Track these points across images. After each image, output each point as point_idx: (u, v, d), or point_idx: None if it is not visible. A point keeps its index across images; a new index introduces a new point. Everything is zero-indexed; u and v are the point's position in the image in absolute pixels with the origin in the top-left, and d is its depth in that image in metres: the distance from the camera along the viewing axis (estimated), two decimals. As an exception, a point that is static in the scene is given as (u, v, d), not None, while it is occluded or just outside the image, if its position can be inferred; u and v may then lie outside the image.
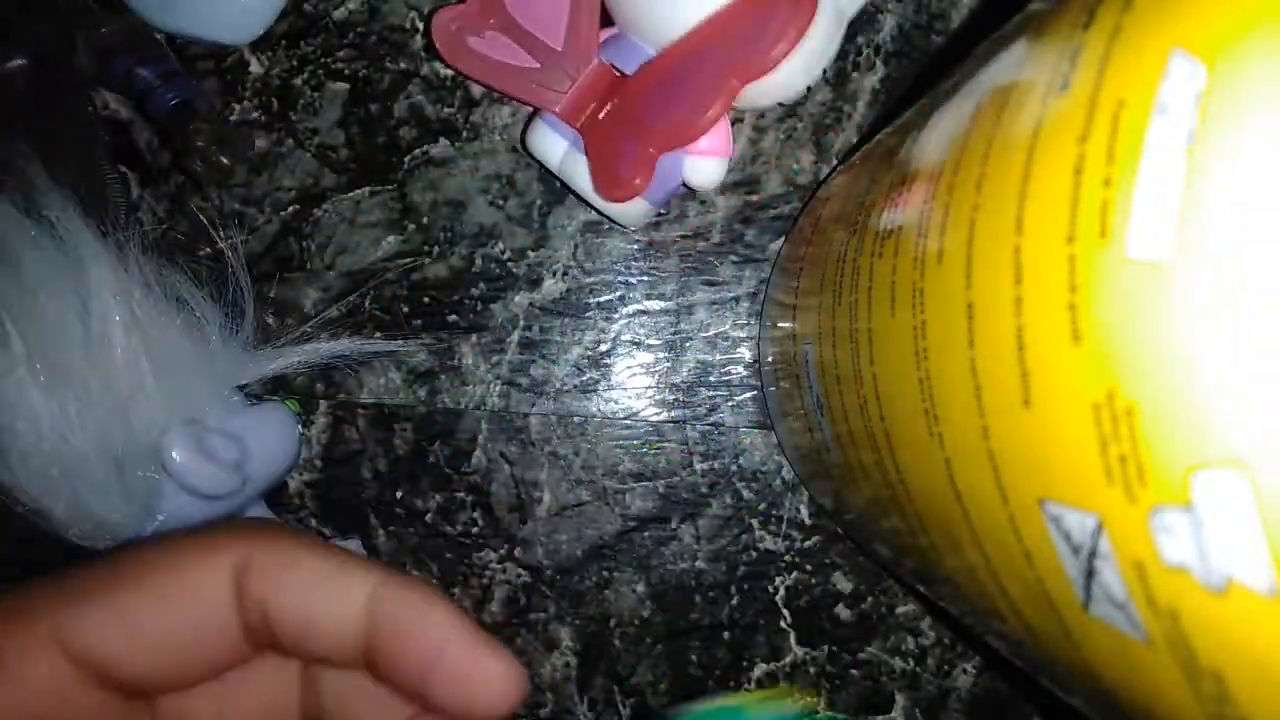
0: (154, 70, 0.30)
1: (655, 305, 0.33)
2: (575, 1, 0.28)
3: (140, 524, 0.27)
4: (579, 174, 0.29)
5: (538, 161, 0.31)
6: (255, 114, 0.34)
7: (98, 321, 0.26)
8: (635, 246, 0.33)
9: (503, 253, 0.33)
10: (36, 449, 0.25)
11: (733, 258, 0.33)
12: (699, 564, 0.34)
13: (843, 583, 0.33)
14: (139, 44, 0.31)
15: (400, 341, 0.33)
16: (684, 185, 0.30)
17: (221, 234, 0.29)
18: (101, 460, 0.26)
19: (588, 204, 0.30)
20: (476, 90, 0.33)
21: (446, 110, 0.33)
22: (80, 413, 0.25)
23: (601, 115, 0.29)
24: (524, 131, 0.31)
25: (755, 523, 0.33)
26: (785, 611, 0.34)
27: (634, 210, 0.29)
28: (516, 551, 0.34)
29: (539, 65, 0.29)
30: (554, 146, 0.30)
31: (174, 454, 0.26)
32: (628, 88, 0.28)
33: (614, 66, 0.29)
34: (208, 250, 0.31)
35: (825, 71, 0.29)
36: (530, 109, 0.32)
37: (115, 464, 0.26)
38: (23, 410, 0.25)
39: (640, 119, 0.28)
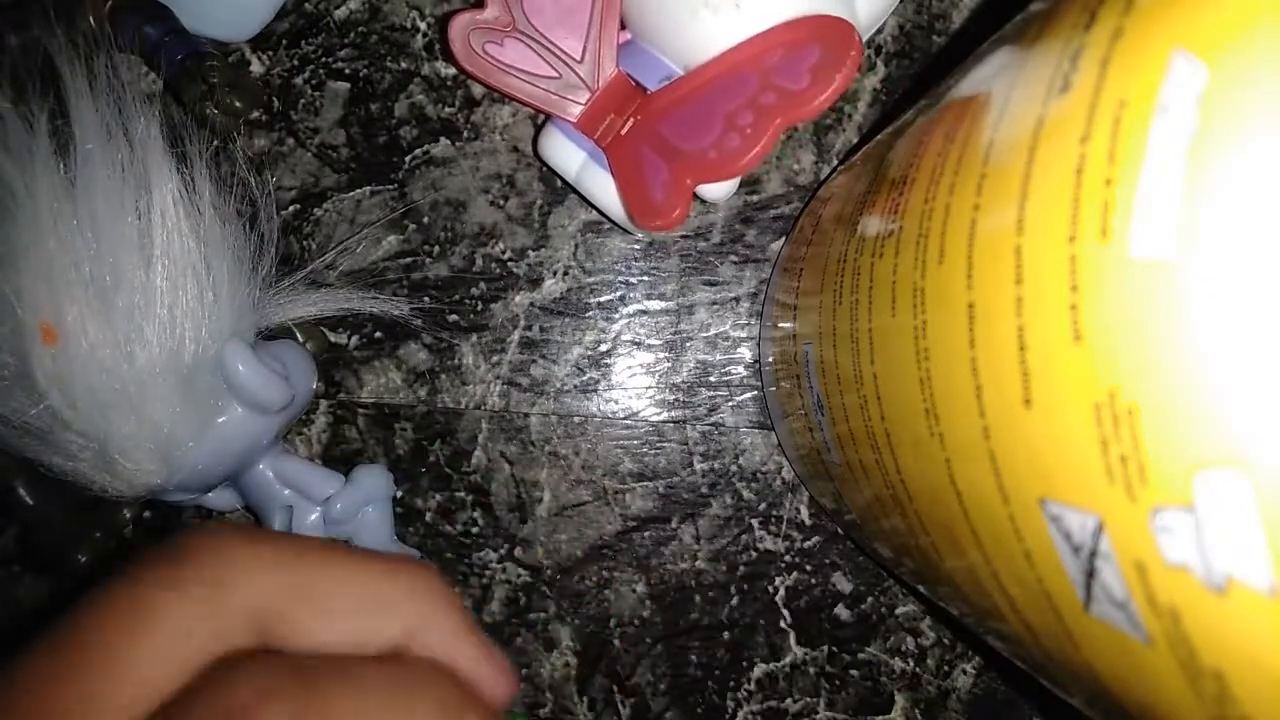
0: (160, 29, 0.31)
1: (656, 305, 0.33)
2: (595, 11, 0.28)
3: (198, 434, 0.27)
4: (597, 186, 0.29)
5: (541, 163, 0.31)
6: (256, 113, 0.34)
7: (160, 233, 0.26)
8: (636, 246, 0.33)
9: (503, 252, 0.33)
10: (99, 367, 0.25)
11: (733, 258, 0.33)
12: (699, 564, 0.34)
13: (843, 583, 0.33)
14: (143, 5, 0.31)
15: (413, 309, 0.33)
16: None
17: (255, 179, 0.29)
18: (168, 372, 0.26)
19: (599, 211, 0.30)
20: (477, 90, 0.33)
21: (447, 110, 0.33)
22: (144, 327, 0.26)
23: (624, 130, 0.28)
24: (536, 138, 0.31)
25: (755, 523, 0.33)
26: (785, 611, 0.34)
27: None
28: (516, 551, 0.34)
29: (557, 74, 0.29)
30: (571, 157, 0.29)
31: (239, 364, 0.27)
32: (652, 104, 0.28)
33: (631, 77, 0.28)
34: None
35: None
36: (538, 113, 0.32)
37: (181, 376, 0.26)
38: (86, 331, 0.25)
39: (669, 140, 0.27)
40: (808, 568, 0.33)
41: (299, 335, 0.33)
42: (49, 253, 0.25)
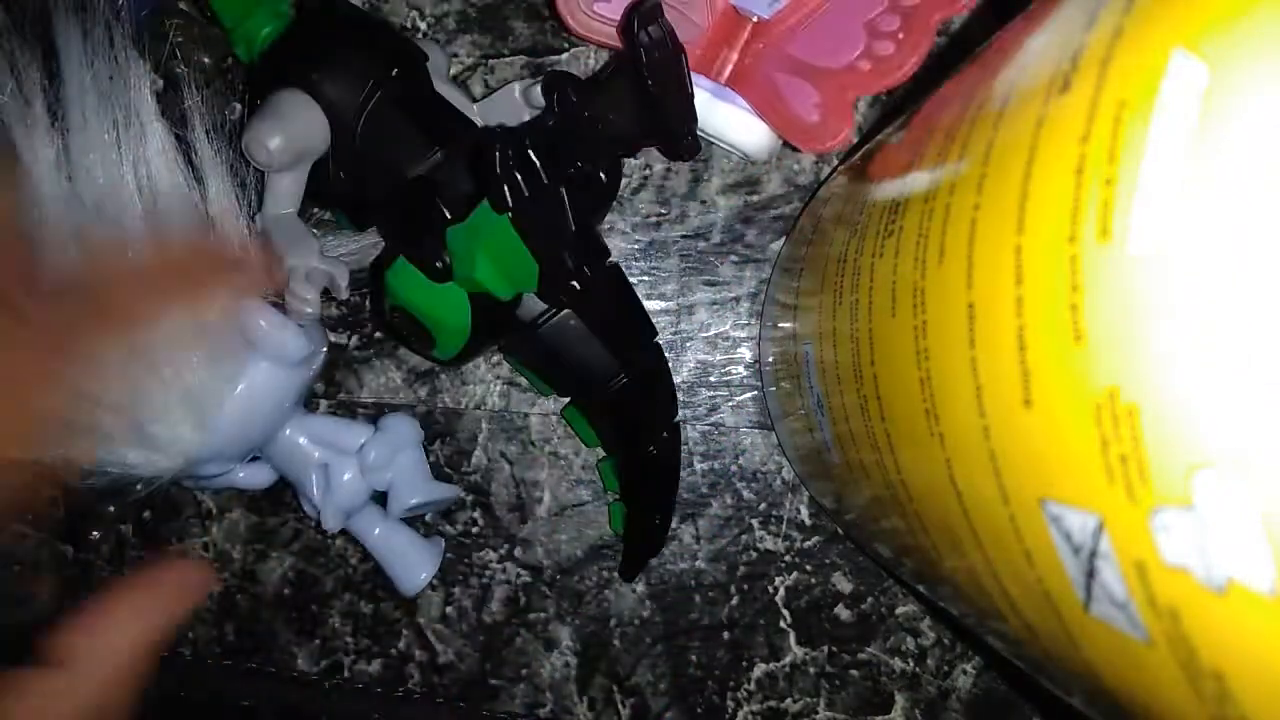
0: None
1: (656, 305, 0.33)
2: None
3: (226, 393, 0.28)
4: (716, 119, 0.29)
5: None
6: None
7: (161, 177, 0.26)
8: (636, 246, 0.33)
9: (503, 252, 0.33)
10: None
11: (733, 258, 0.33)
12: (699, 564, 0.34)
13: (843, 583, 0.33)
14: None
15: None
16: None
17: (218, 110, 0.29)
18: (182, 326, 0.26)
19: (729, 147, 0.31)
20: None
21: (447, 110, 0.33)
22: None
23: (747, 61, 0.28)
24: None
25: (755, 523, 0.33)
26: (785, 611, 0.34)
27: (766, 143, 0.30)
28: (516, 551, 0.34)
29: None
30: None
31: (260, 320, 0.27)
32: (773, 29, 0.28)
33: (739, 10, 0.29)
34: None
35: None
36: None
37: (197, 330, 0.27)
38: None
39: (804, 61, 0.27)
40: (808, 568, 0.33)
41: None
42: (45, 214, 0.25)
